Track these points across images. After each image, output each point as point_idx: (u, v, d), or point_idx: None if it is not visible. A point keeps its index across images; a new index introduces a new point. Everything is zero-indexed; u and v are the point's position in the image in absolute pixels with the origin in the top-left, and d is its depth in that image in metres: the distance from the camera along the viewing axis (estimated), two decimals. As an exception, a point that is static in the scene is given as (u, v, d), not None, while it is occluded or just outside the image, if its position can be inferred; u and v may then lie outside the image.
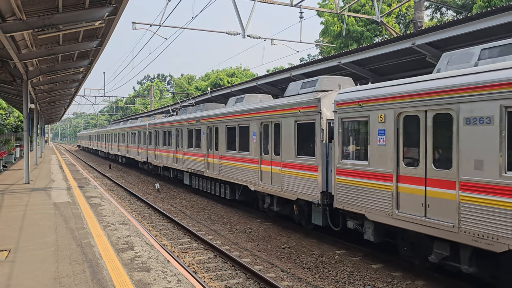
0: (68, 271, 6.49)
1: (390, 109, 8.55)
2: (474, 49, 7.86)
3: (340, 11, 21.60)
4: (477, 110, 6.84)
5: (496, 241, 6.53)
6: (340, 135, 9.93)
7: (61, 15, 11.67)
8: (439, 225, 7.44)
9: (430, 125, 7.73)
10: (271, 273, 9.08)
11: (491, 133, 6.64)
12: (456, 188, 7.19)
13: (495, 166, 6.57)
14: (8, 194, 14.65)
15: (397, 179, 8.41)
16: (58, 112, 54.88)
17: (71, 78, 23.19)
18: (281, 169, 12.39)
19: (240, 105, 15.92)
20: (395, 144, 8.46)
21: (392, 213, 8.45)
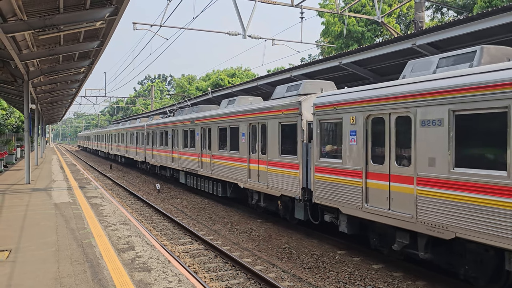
0: (69, 271, 6.49)
1: (360, 112, 9.41)
2: (434, 57, 8.68)
3: (340, 11, 21.60)
4: (430, 113, 7.71)
5: (446, 229, 7.39)
6: (318, 135, 10.82)
7: (62, 15, 11.68)
8: (400, 216, 8.29)
9: (393, 127, 8.59)
10: (272, 273, 9.08)
11: (441, 134, 7.50)
12: (414, 183, 8.02)
13: (445, 163, 7.43)
14: (9, 194, 14.67)
15: (366, 176, 9.26)
16: (59, 113, 54.92)
17: (72, 79, 23.21)
18: (267, 167, 13.20)
19: (232, 107, 16.70)
20: (364, 144, 9.32)
21: (362, 207, 9.30)
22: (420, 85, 8.02)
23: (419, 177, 7.92)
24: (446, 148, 7.40)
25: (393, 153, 8.56)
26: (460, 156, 7.23)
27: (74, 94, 33.19)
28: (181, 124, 21.80)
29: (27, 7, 10.98)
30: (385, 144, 8.79)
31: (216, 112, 17.57)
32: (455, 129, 7.30)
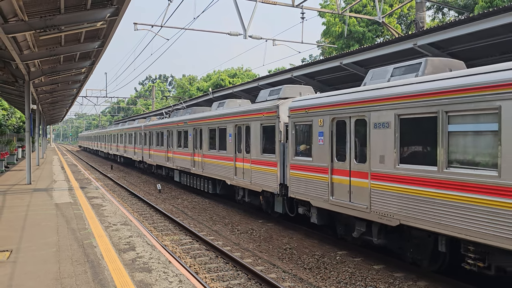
0: (70, 271, 6.50)
1: (327, 115, 10.53)
2: (390, 67, 9.67)
3: (341, 11, 21.59)
4: (381, 117, 8.85)
5: (392, 217, 8.51)
6: (293, 136, 11.98)
7: (63, 16, 11.69)
8: (358, 207, 9.41)
9: (353, 129, 9.71)
10: (273, 273, 9.08)
11: (389, 135, 8.64)
12: (368, 178, 9.16)
13: (391, 160, 8.55)
14: (10, 195, 14.68)
15: (331, 172, 10.42)
16: (60, 113, 54.99)
17: (73, 79, 23.23)
18: (251, 165, 14.37)
19: (221, 109, 17.72)
20: (330, 144, 10.44)
21: (328, 200, 10.44)
22: (373, 92, 9.14)
23: (372, 172, 9.07)
24: (392, 147, 8.55)
25: (353, 152, 9.72)
26: (403, 154, 8.42)
27: (75, 94, 33.22)
28: (175, 125, 22.84)
29: (28, 8, 10.98)
30: (346, 144, 9.94)
31: (207, 114, 18.71)
32: (400, 131, 8.45)
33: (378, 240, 9.24)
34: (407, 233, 8.76)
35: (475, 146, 7.10)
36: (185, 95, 65.23)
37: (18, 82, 18.04)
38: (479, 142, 7.01)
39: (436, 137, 7.62)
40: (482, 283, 8.13)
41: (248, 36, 18.54)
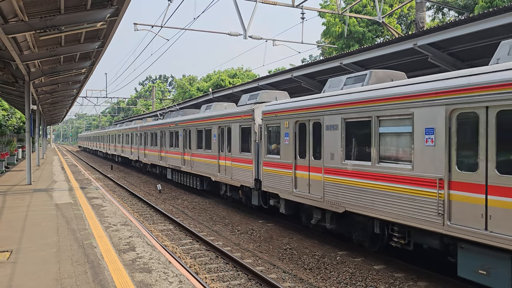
0: (70, 272, 6.49)
1: (291, 119, 12.06)
2: (343, 77, 11.17)
3: (341, 12, 21.59)
4: (331, 120, 10.39)
5: (340, 206, 10.05)
6: (265, 136, 13.48)
7: (63, 16, 11.69)
8: (315, 198, 10.96)
9: (311, 130, 11.25)
10: (273, 274, 9.07)
11: (337, 135, 10.19)
12: (322, 172, 10.70)
13: (339, 156, 10.13)
14: (10, 195, 14.68)
15: (295, 168, 11.88)
16: (60, 113, 54.99)
17: (73, 79, 23.23)
18: (231, 163, 15.84)
19: (208, 112, 19.14)
20: (294, 143, 11.92)
21: (292, 192, 11.91)
22: (326, 99, 10.71)
23: (325, 167, 10.64)
24: (339, 145, 10.14)
25: (311, 150, 11.26)
26: (348, 151, 9.97)
27: (75, 95, 33.22)
28: (167, 126, 24.33)
29: (28, 8, 10.98)
30: (306, 143, 11.44)
31: (195, 116, 20.28)
32: (345, 132, 10.01)
33: (330, 226, 10.89)
34: (352, 219, 10.25)
35: (397, 145, 8.76)
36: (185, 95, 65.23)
37: (18, 82, 18.04)
38: (400, 142, 8.67)
39: (370, 138, 9.22)
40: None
41: (248, 36, 18.53)
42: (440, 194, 7.52)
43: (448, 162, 7.45)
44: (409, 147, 8.31)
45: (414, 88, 8.20)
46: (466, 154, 7.24)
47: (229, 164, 16.01)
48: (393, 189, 8.51)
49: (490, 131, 6.79)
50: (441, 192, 7.51)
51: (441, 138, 7.58)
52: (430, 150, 7.77)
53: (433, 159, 7.69)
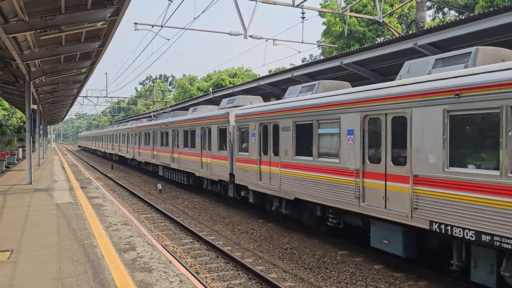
0: (70, 271, 6.50)
1: (257, 121, 13.87)
2: (298, 86, 13.06)
3: (342, 11, 21.58)
4: (285, 123, 12.27)
5: (291, 194, 11.95)
6: (237, 137, 15.32)
7: (63, 16, 11.69)
8: (274, 188, 12.81)
9: (271, 131, 13.07)
10: (273, 273, 9.07)
11: (289, 136, 12.07)
12: (279, 166, 12.58)
13: (291, 153, 11.98)
14: (11, 195, 14.69)
15: (260, 163, 13.77)
16: (60, 113, 55.01)
17: (74, 79, 23.24)
18: (211, 160, 17.73)
19: (194, 114, 21.20)
20: (259, 142, 13.76)
21: (258, 184, 13.74)
22: (282, 105, 12.60)
23: (281, 162, 12.51)
24: (291, 144, 11.99)
25: (272, 148, 13.04)
26: (297, 149, 11.79)
27: (75, 94, 33.23)
28: (159, 127, 26.22)
29: (29, 8, 10.98)
30: (268, 142, 13.24)
31: (182, 118, 22.20)
32: (295, 133, 11.84)
33: (285, 211, 12.75)
34: (301, 205, 12.16)
35: (330, 143, 10.59)
36: (186, 95, 65.21)
37: (19, 82, 18.05)
38: (332, 141, 10.51)
39: (312, 138, 11.07)
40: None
41: (249, 36, 18.52)
42: (357, 182, 9.46)
43: (362, 157, 9.37)
44: (337, 145, 10.22)
45: (340, 98, 10.16)
46: (374, 150, 9.18)
47: (209, 161, 17.92)
48: (327, 179, 10.48)
49: (387, 132, 8.74)
50: (358, 180, 9.45)
51: (357, 138, 9.50)
52: (351, 147, 9.72)
53: (352, 154, 9.65)
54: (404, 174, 8.31)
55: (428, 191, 7.82)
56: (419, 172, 8.01)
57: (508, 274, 6.77)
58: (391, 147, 8.64)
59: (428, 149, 7.83)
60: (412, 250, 8.65)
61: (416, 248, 8.69)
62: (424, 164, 7.90)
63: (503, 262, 6.89)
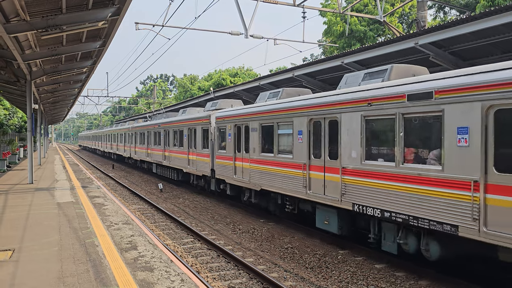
0: (72, 270, 6.52)
1: (232, 123, 15.82)
2: (267, 92, 14.83)
3: (343, 11, 21.56)
4: (254, 125, 14.20)
5: (258, 186, 13.83)
6: (217, 136, 17.35)
7: (64, 15, 11.71)
8: (245, 181, 14.75)
9: (243, 131, 14.91)
10: (274, 273, 9.08)
11: (257, 136, 13.95)
12: (249, 162, 14.48)
13: (258, 150, 13.88)
14: (12, 194, 14.72)
15: (234, 159, 15.68)
16: (61, 113, 55.05)
17: (75, 79, 23.26)
18: (196, 157, 19.73)
19: (183, 115, 23.08)
20: (234, 141, 15.67)
21: (233, 177, 15.73)
22: (250, 109, 14.70)
23: (251, 159, 14.35)
24: (258, 143, 13.89)
25: (244, 146, 14.91)
26: (262, 147, 13.80)
27: (76, 94, 33.26)
28: (152, 128, 28.20)
29: (30, 8, 11.00)
30: (241, 141, 15.07)
31: (173, 119, 24.22)
32: (261, 133, 13.81)
33: (254, 201, 14.72)
34: (267, 195, 14.03)
35: (286, 142, 12.44)
36: (187, 94, 65.22)
37: (20, 81, 18.07)
38: (288, 140, 12.37)
39: (273, 137, 13.00)
40: (483, 282, 8.13)
41: (250, 35, 18.52)
42: (304, 174, 11.41)
43: (308, 153, 11.30)
44: (291, 143, 12.05)
45: (293, 104, 12.08)
46: (317, 147, 11.04)
47: (195, 158, 19.97)
48: (284, 172, 12.37)
49: (325, 133, 10.64)
50: (305, 172, 11.39)
51: (305, 137, 11.37)
52: (300, 145, 11.61)
53: (301, 151, 11.54)
54: (336, 167, 10.24)
55: (351, 179, 9.77)
56: (346, 164, 9.93)
57: (402, 241, 8.80)
58: (328, 145, 10.60)
59: (352, 147, 9.76)
60: (345, 228, 10.61)
61: (348, 227, 10.62)
62: (349, 158, 9.82)
63: (399, 233, 8.87)
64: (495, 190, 6.73)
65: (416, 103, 8.08)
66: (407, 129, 8.40)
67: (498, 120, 6.74)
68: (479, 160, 6.91)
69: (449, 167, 7.43)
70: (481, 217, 6.86)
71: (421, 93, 8.01)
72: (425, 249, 8.37)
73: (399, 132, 8.43)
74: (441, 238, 8.06)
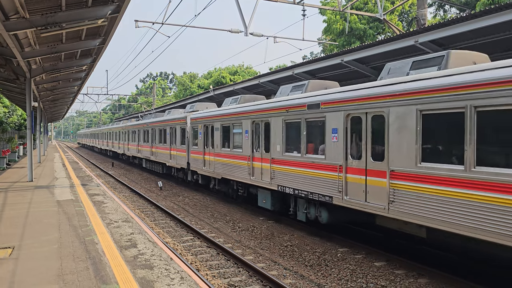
0: (72, 268, 6.52)
1: (202, 123, 18.68)
2: (230, 98, 17.73)
3: (342, 8, 21.54)
4: (216, 125, 16.97)
5: (220, 175, 16.67)
6: (191, 135, 20.33)
7: (64, 13, 11.69)
8: (211, 171, 17.55)
9: (210, 130, 17.87)
10: (274, 270, 9.09)
11: (219, 134, 16.76)
12: (214, 156, 17.18)
13: (219, 146, 16.68)
14: (12, 192, 14.72)
15: (204, 154, 18.41)
16: (61, 110, 55.00)
17: (74, 76, 23.22)
18: (176, 152, 22.67)
19: (167, 116, 26.11)
20: (203, 138, 18.50)
21: (203, 169, 18.57)
22: (214, 112, 17.63)
23: (215, 153, 17.15)
24: (219, 140, 16.82)
25: (210, 143, 17.76)
26: (222, 143, 16.54)
27: (76, 92, 33.20)
28: (142, 126, 31.42)
29: (29, 5, 10.98)
30: (208, 138, 18.13)
31: (159, 118, 27.51)
32: (222, 132, 16.53)
33: (218, 187, 17.62)
34: (227, 182, 16.81)
35: (238, 139, 15.14)
36: (186, 92, 65.16)
37: (19, 79, 18.05)
38: (239, 138, 15.06)
39: (229, 135, 15.75)
40: (483, 281, 8.14)
41: (249, 33, 18.51)
42: (249, 164, 14.26)
43: (252, 148, 14.16)
44: (241, 140, 14.82)
45: (243, 109, 14.81)
46: (256, 143, 14.00)
47: (175, 153, 22.87)
48: (236, 162, 15.17)
49: (261, 131, 13.50)
50: (249, 163, 14.24)
51: (250, 135, 14.26)
52: (247, 141, 14.43)
53: (247, 146, 14.38)
54: (268, 157, 13.17)
55: (277, 167, 12.70)
56: (274, 156, 12.84)
57: (307, 211, 11.80)
58: (264, 142, 13.52)
59: (276, 141, 12.67)
60: (277, 206, 13.47)
61: (280, 204, 13.45)
62: (276, 151, 12.76)
63: (305, 205, 11.86)
64: (350, 171, 9.82)
65: (312, 111, 11.05)
66: (308, 129, 11.36)
67: (352, 123, 9.83)
68: (342, 151, 9.97)
69: (329, 156, 10.46)
70: (343, 189, 9.93)
71: (313, 104, 11.01)
72: (319, 216, 11.24)
73: (303, 131, 11.49)
74: (326, 206, 10.97)
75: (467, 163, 7.00)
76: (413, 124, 8.01)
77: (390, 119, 8.53)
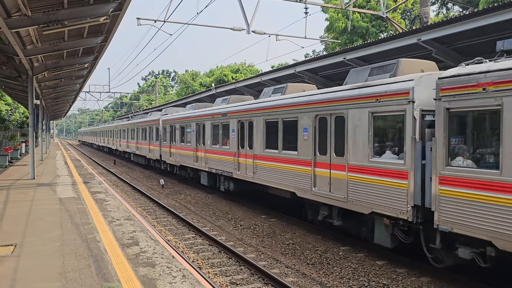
0: (74, 265, 6.53)
1: (168, 124, 23.83)
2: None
3: (345, 6, 21.47)
4: (177, 125, 22.53)
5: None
6: (162, 133, 25.12)
7: (66, 11, 11.67)
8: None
9: (174, 129, 23.10)
10: (276, 269, 9.09)
11: (179, 132, 22.37)
12: (175, 148, 22.68)
13: (179, 141, 22.17)
14: (14, 190, 14.74)
15: (170, 147, 23.32)
16: (63, 108, 55.05)
17: (76, 74, 23.24)
18: (153, 147, 27.38)
19: (148, 117, 31.37)
20: (170, 136, 23.33)
21: (169, 159, 23.68)
22: (177, 116, 22.87)
23: (176, 146, 22.27)
24: (179, 136, 22.05)
25: (174, 139, 22.24)
26: (181, 139, 22.05)
27: (78, 89, 33.24)
28: (130, 126, 36.53)
29: (31, 3, 10.97)
30: (172, 135, 23.01)
31: (141, 119, 32.71)
32: (180, 130, 21.65)
33: (179, 172, 22.80)
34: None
35: (189, 136, 19.52)
36: (188, 90, 65.16)
37: (22, 77, 18.06)
38: (190, 135, 19.46)
39: (184, 133, 20.15)
40: (483, 280, 8.12)
41: (251, 31, 18.47)
42: (194, 154, 19.37)
43: (196, 142, 19.04)
44: (192, 136, 19.00)
45: (195, 114, 19.62)
46: (200, 139, 18.21)
47: (152, 148, 28.07)
48: (188, 153, 19.45)
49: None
50: (194, 153, 19.34)
51: (195, 133, 18.97)
52: (194, 137, 19.19)
53: (192, 141, 19.39)
54: (202, 149, 18.60)
55: (210, 155, 17.36)
56: (207, 147, 17.96)
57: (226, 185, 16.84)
58: (202, 138, 18.35)
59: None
60: (211, 183, 18.66)
61: (213, 182, 18.65)
62: (206, 144, 17.74)
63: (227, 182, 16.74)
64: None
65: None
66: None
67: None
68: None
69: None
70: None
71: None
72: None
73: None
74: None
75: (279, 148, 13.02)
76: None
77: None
